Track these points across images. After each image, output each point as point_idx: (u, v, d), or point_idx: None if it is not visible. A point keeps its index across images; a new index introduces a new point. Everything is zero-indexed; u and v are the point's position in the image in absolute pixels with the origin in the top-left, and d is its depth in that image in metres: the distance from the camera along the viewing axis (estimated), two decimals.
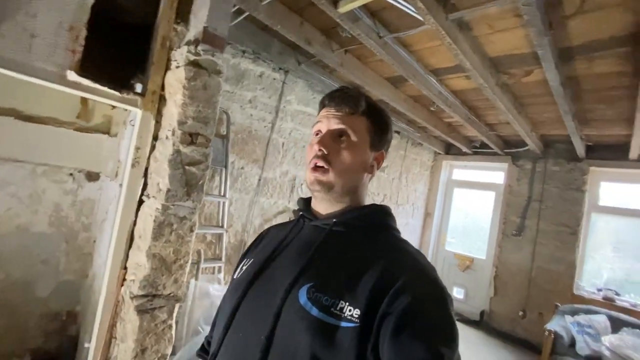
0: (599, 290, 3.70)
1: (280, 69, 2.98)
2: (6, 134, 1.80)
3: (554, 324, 3.11)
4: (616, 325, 3.03)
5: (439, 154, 5.26)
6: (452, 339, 0.51)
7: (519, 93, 2.87)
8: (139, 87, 1.48)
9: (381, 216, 0.69)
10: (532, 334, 3.88)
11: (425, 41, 2.30)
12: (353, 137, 0.66)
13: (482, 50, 2.27)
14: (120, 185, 1.79)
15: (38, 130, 1.90)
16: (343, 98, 0.67)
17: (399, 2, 1.81)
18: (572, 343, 3.02)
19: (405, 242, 0.65)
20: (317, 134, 0.69)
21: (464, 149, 4.77)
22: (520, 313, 4.08)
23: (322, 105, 0.71)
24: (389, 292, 0.52)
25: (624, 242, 3.79)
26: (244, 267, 0.70)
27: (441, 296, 0.54)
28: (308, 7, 2.12)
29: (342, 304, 0.53)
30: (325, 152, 0.64)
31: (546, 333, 2.98)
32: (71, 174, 2.05)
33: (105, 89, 1.32)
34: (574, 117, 2.95)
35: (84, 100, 2.09)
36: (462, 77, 2.75)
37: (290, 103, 3.16)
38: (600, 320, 3.08)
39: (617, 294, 3.59)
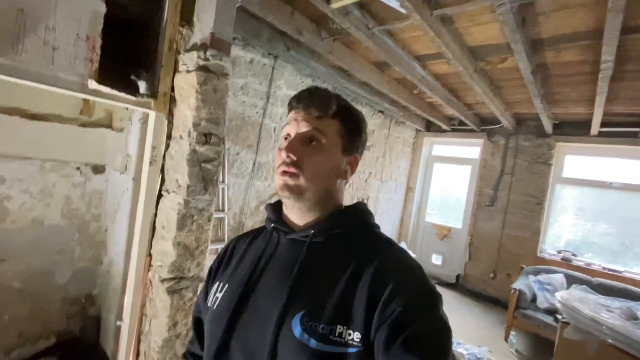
0: (559, 252, 4.19)
1: (269, 54, 3.04)
2: (14, 132, 1.85)
3: (519, 283, 3.55)
4: (571, 283, 3.51)
5: (420, 131, 5.50)
6: (444, 343, 0.50)
7: (495, 77, 3.08)
8: (144, 88, 1.57)
9: (359, 216, 0.66)
10: (501, 292, 4.38)
11: (411, 31, 2.43)
12: (323, 141, 0.61)
13: (463, 41, 2.44)
14: (134, 179, 1.92)
15: (44, 128, 1.94)
16: (312, 100, 0.63)
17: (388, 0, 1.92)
18: (534, 299, 3.49)
19: (387, 241, 0.63)
20: (286, 139, 0.64)
21: (444, 127, 5.03)
22: (491, 275, 4.56)
23: (291, 107, 0.66)
24: (379, 305, 0.51)
25: (584, 209, 4.26)
26: (219, 295, 0.64)
27: (431, 299, 0.54)
28: None
29: (340, 329, 0.51)
30: (295, 159, 0.60)
31: (512, 291, 3.42)
32: (78, 168, 2.12)
33: (123, 94, 1.42)
34: (543, 99, 3.22)
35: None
36: (444, 63, 2.91)
37: (280, 88, 3.24)
38: (558, 278, 3.55)
39: (574, 255, 4.08)
